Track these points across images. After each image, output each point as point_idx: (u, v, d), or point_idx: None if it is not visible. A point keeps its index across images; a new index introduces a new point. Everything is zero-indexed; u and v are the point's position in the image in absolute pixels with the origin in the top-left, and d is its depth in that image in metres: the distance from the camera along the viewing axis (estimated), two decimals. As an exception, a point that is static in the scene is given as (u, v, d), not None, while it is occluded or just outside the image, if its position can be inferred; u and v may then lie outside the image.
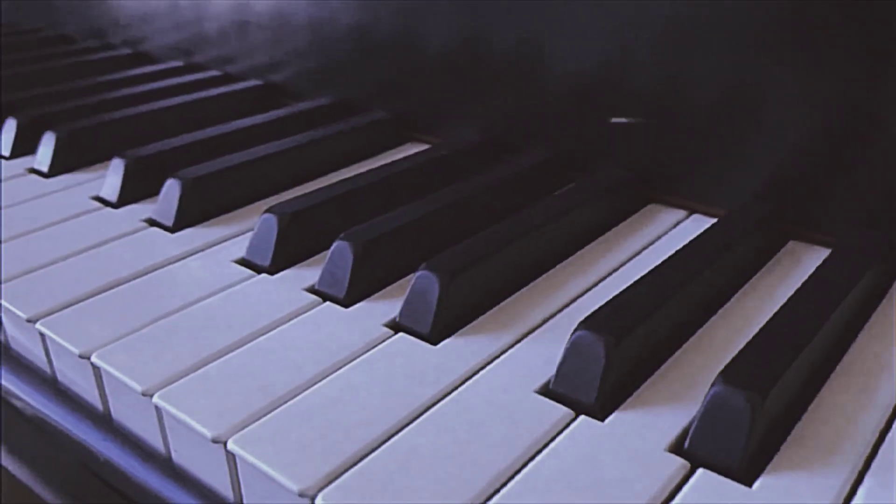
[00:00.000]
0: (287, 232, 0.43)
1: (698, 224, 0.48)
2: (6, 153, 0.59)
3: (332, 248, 0.41)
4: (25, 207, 0.50)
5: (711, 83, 0.46)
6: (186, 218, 0.47)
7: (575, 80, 0.51)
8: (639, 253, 0.44)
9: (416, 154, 0.53)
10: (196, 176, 0.48)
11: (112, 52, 0.81)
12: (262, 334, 0.37)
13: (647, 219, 0.48)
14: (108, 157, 0.59)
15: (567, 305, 0.40)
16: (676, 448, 0.31)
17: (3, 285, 0.41)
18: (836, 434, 0.31)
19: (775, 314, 0.35)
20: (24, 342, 0.42)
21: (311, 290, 0.41)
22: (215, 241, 0.46)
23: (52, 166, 0.56)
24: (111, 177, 0.52)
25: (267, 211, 0.44)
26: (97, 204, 0.51)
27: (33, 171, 0.57)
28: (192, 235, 0.46)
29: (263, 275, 0.42)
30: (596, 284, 0.41)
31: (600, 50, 0.49)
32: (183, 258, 0.44)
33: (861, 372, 0.34)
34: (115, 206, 0.50)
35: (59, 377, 0.41)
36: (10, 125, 0.60)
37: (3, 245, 0.45)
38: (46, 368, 0.41)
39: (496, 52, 0.54)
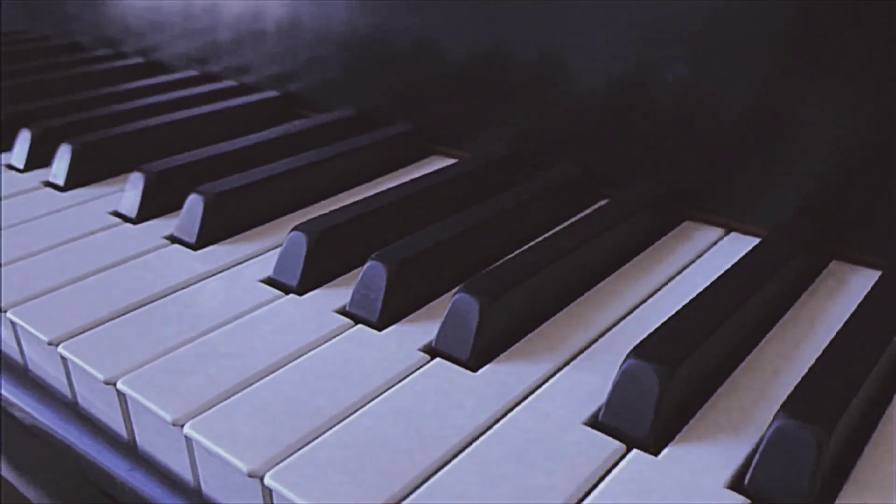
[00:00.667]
0: (316, 251, 0.42)
1: (736, 243, 0.46)
2: (20, 166, 0.58)
3: (365, 267, 0.39)
4: (42, 223, 0.49)
5: (748, 93, 0.44)
6: (210, 235, 0.46)
7: (604, 92, 0.50)
8: (678, 274, 0.43)
9: (444, 169, 0.52)
10: (220, 191, 0.47)
11: (125, 61, 0.80)
12: (293, 359, 0.36)
13: (684, 237, 0.47)
14: (125, 171, 0.57)
15: (608, 330, 0.38)
16: (735, 484, 0.29)
17: (22, 306, 0.40)
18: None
19: (832, 342, 0.33)
20: (44, 365, 0.41)
21: (343, 311, 0.40)
22: (240, 259, 0.45)
23: (67, 179, 0.54)
24: (130, 191, 0.50)
25: (295, 229, 0.42)
26: (115, 219, 0.50)
27: (48, 184, 0.55)
28: (216, 253, 0.45)
29: (291, 295, 0.41)
30: (636, 308, 0.40)
31: (630, 61, 0.48)
32: (207, 277, 0.43)
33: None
34: (135, 221, 0.49)
35: (80, 401, 0.39)
36: (24, 137, 0.58)
37: (20, 262, 0.44)
38: (67, 392, 0.40)
39: (520, 63, 0.53)
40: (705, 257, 0.45)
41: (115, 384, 0.34)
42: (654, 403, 0.31)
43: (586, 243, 0.42)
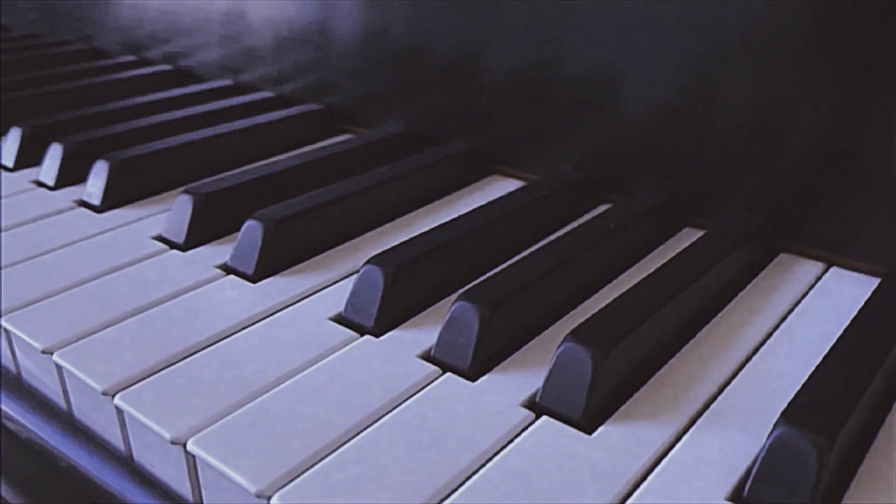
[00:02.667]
0: (394, 287, 0.38)
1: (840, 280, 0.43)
2: (50, 183, 0.54)
3: (453, 308, 0.35)
4: (80, 249, 0.45)
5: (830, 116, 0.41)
6: (270, 266, 0.42)
7: (680, 111, 0.46)
8: (788, 314, 0.39)
9: (516, 193, 0.47)
10: (278, 218, 0.43)
11: (151, 68, 0.76)
12: (385, 413, 0.32)
13: (783, 274, 0.43)
14: (165, 190, 0.53)
15: (727, 383, 0.35)
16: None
17: (71, 346, 0.36)
18: None
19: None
20: (92, 415, 0.37)
21: (428, 357, 0.36)
22: (304, 293, 0.41)
23: (104, 199, 0.50)
24: (177, 214, 0.46)
25: (371, 263, 0.38)
26: (159, 245, 0.45)
27: (83, 203, 0.51)
28: (277, 287, 0.41)
29: (367, 337, 0.37)
30: (750, 357, 0.36)
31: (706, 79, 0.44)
32: (269, 315, 0.39)
33: None
34: (183, 248, 0.45)
35: (136, 456, 0.35)
36: (55, 152, 0.54)
37: (63, 294, 0.40)
38: (121, 446, 0.36)
39: (587, 78, 0.49)
40: (811, 297, 0.41)
41: (184, 444, 0.30)
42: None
43: (694, 283, 0.38)
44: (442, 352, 0.35)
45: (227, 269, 0.43)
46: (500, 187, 0.54)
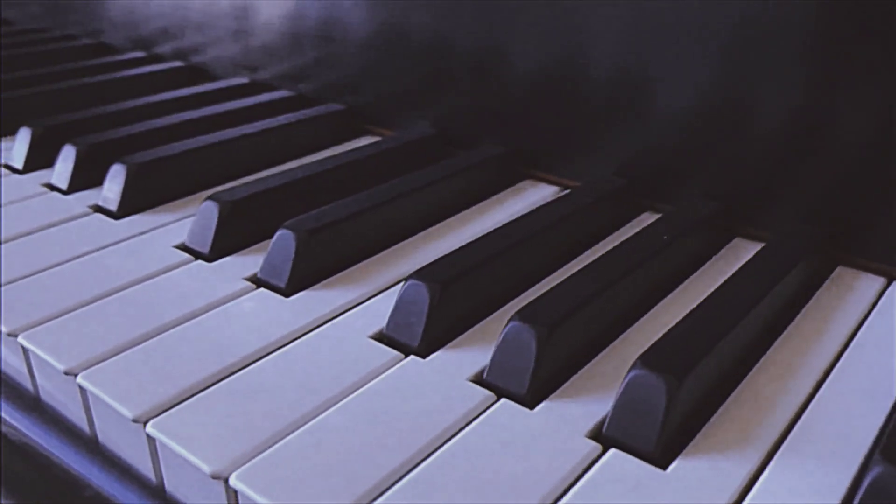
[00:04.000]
0: (441, 304, 0.35)
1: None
2: (63, 186, 0.51)
3: (507, 329, 0.33)
4: (100, 258, 0.42)
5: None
6: (303, 279, 0.40)
7: (717, 118, 0.44)
8: (853, 335, 0.37)
9: (560, 200, 0.45)
10: (312, 228, 0.40)
11: (162, 64, 0.73)
12: (441, 443, 0.30)
13: (844, 289, 0.41)
14: (184, 195, 0.51)
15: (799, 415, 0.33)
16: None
17: (96, 367, 0.34)
18: None
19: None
20: (119, 441, 0.34)
21: (479, 380, 0.34)
22: (341, 307, 0.38)
23: (122, 205, 0.47)
24: (201, 222, 0.44)
25: (416, 277, 0.36)
26: (183, 255, 0.43)
27: (98, 209, 0.49)
28: (312, 301, 0.39)
29: (413, 357, 0.35)
30: (824, 380, 0.34)
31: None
32: (305, 333, 0.36)
33: None
34: (209, 258, 0.43)
35: (169, 487, 0.33)
36: (68, 154, 0.52)
37: (86, 309, 0.38)
38: (152, 476, 0.33)
39: (608, 81, 0.47)
40: (876, 314, 0.39)
41: (226, 478, 0.28)
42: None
43: (761, 301, 0.35)
44: (494, 374, 0.33)
45: (258, 282, 0.41)
46: (536, 193, 0.51)
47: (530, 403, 0.32)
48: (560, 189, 0.52)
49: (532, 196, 0.51)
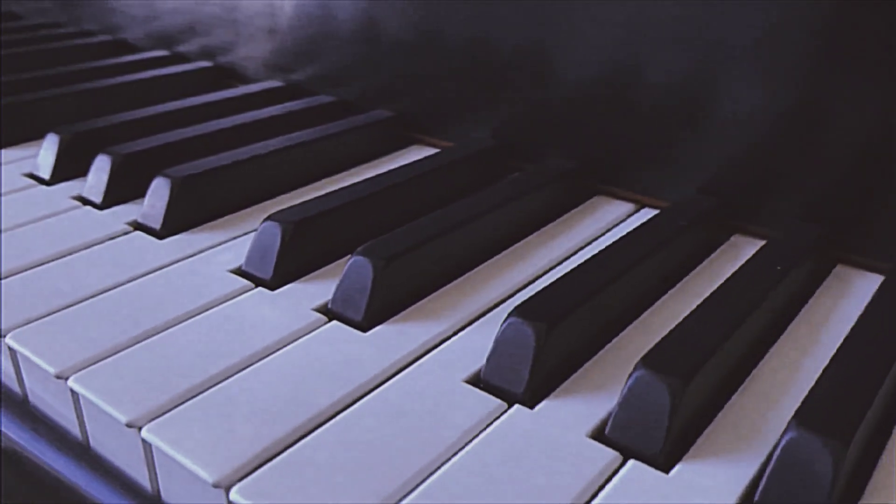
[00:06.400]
0: (547, 347, 0.32)
1: None
2: (97, 200, 0.47)
3: (633, 378, 0.29)
4: (149, 285, 0.38)
5: None
6: (382, 311, 0.36)
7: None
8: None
9: (653, 225, 0.41)
10: (391, 254, 0.36)
11: (189, 65, 0.69)
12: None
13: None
14: (230, 211, 0.46)
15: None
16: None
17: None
18: None
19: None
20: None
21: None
22: (425, 345, 0.34)
23: (165, 223, 0.43)
24: (262, 243, 0.39)
25: (517, 316, 0.32)
26: (242, 281, 0.39)
27: (139, 226, 0.45)
28: (393, 337, 0.35)
29: (518, 406, 0.31)
30: None
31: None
32: (391, 376, 0.32)
33: None
34: (271, 285, 0.39)
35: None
36: (102, 165, 0.47)
37: (138, 347, 0.34)
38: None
39: (662, 92, 0.44)
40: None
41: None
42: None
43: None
44: (615, 430, 0.29)
45: (329, 314, 0.37)
46: (611, 211, 0.47)
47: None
48: (635, 206, 0.48)
49: (608, 215, 0.47)
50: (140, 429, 0.29)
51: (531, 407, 0.31)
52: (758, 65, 0.41)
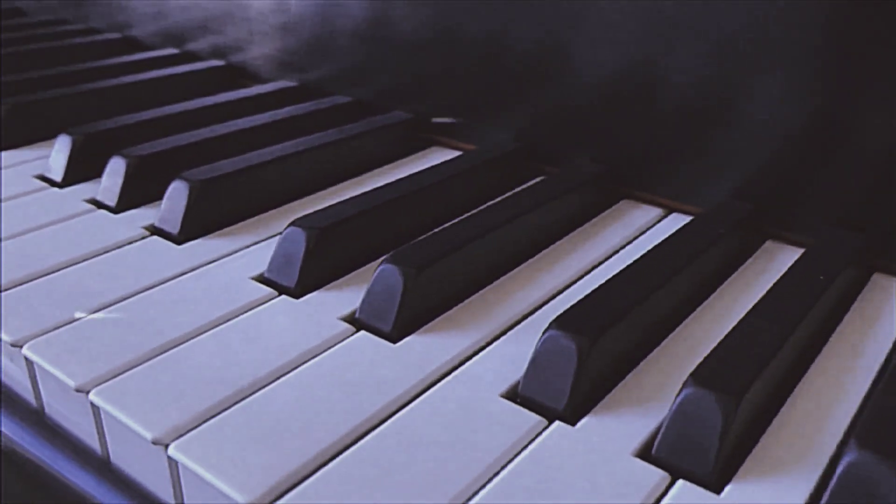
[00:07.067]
0: (588, 362, 0.30)
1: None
2: (111, 203, 0.46)
3: (684, 398, 0.28)
4: (168, 291, 0.37)
5: None
6: (413, 321, 0.35)
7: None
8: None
9: (687, 231, 0.40)
10: (421, 262, 0.35)
11: (200, 63, 0.67)
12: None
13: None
14: (248, 216, 0.45)
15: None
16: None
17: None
18: None
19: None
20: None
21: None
22: (458, 357, 0.33)
23: (184, 228, 0.42)
24: (286, 250, 0.38)
25: (557, 328, 0.30)
26: (265, 289, 0.38)
27: (156, 231, 0.43)
28: (423, 349, 0.33)
29: (559, 423, 0.29)
30: None
31: None
32: (424, 390, 0.31)
33: None
34: (295, 293, 0.38)
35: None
36: (117, 167, 0.46)
37: (165, 357, 0.32)
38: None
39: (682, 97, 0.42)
40: None
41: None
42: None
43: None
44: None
45: (356, 324, 0.35)
46: (640, 216, 0.46)
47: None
48: (663, 211, 0.47)
49: (637, 220, 0.46)
50: (167, 446, 0.28)
51: (572, 423, 0.29)
52: (793, 65, 0.40)
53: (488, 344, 0.34)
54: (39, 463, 0.34)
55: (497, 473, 0.27)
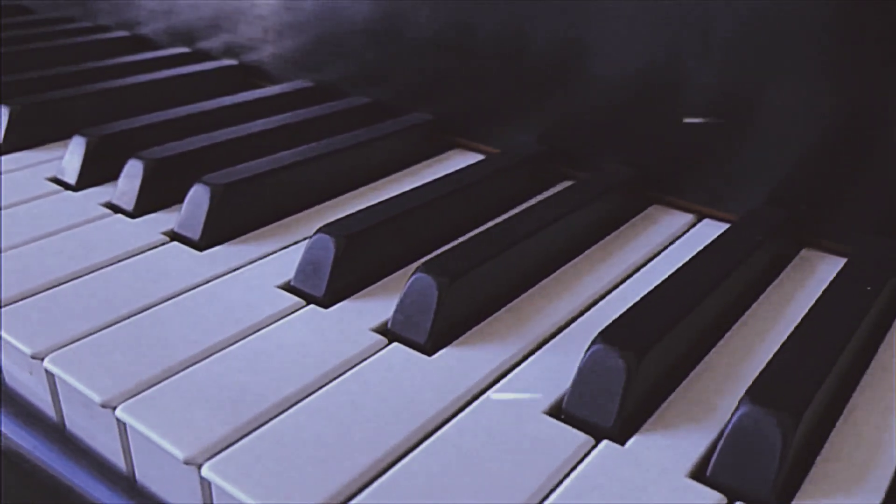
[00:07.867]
0: (636, 378, 0.29)
1: None
2: (129, 208, 0.44)
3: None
4: (190, 300, 0.36)
5: None
6: (447, 333, 0.33)
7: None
8: None
9: (726, 239, 0.39)
10: (455, 272, 0.34)
11: (213, 63, 0.66)
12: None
13: None
14: (269, 221, 0.44)
15: None
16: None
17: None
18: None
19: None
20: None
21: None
22: (494, 372, 0.32)
23: (204, 234, 0.41)
24: (313, 258, 0.37)
25: (603, 343, 0.29)
26: (293, 298, 0.36)
27: (176, 237, 0.42)
28: (459, 363, 0.32)
29: (607, 443, 0.28)
30: None
31: None
32: (463, 407, 0.30)
33: None
34: (323, 303, 0.36)
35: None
36: (134, 170, 0.45)
37: (179, 375, 0.31)
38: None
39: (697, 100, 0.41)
40: None
41: None
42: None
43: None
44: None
45: (389, 335, 0.34)
46: (672, 222, 0.45)
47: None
48: (695, 217, 0.46)
49: (669, 227, 0.45)
50: (200, 466, 0.27)
51: (621, 443, 0.28)
52: (829, 64, 0.39)
53: (526, 357, 0.33)
54: (61, 479, 0.33)
55: (547, 497, 0.26)
